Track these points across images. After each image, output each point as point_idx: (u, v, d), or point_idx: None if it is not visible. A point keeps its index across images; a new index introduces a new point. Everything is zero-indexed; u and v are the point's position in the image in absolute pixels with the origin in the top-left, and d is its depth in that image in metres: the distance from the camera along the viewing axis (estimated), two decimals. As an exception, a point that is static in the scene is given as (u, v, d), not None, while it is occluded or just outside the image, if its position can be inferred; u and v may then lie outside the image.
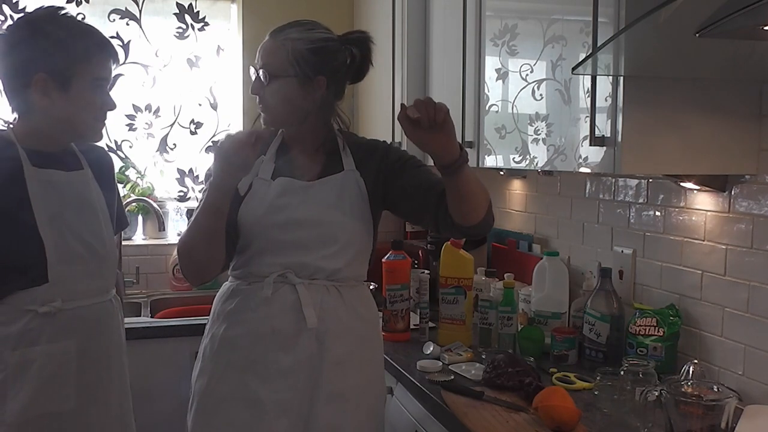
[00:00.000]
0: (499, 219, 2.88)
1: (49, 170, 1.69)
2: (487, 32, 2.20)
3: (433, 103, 1.42)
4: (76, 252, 1.70)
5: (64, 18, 1.71)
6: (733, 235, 1.80)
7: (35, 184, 1.66)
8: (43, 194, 1.67)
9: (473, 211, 1.59)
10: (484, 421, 1.65)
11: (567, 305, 2.24)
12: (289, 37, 1.66)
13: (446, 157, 1.50)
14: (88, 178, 1.78)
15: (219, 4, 3.34)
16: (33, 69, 1.63)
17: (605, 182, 2.26)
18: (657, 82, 1.62)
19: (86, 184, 1.77)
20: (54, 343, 1.67)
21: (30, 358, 1.64)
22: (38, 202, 1.66)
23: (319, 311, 1.66)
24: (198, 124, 3.32)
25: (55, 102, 1.66)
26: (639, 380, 1.67)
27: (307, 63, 1.64)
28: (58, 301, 1.66)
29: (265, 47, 1.68)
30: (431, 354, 2.16)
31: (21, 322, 1.63)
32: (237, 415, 1.64)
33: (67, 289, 1.68)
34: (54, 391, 1.67)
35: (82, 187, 1.76)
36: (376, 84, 2.98)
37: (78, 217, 1.72)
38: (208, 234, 1.60)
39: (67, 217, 1.69)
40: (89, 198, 1.76)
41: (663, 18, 1.14)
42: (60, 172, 1.72)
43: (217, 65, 3.33)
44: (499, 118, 2.15)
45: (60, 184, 1.71)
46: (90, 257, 1.73)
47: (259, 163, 1.70)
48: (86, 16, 3.09)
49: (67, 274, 1.68)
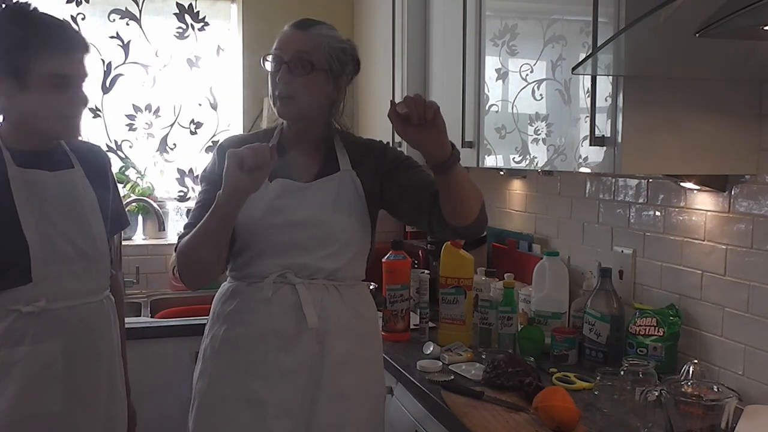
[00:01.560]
0: (499, 219, 2.89)
1: (34, 170, 1.68)
2: (487, 32, 2.20)
3: (422, 99, 1.43)
4: (61, 252, 1.67)
5: (26, 14, 1.66)
6: (733, 235, 1.80)
7: (20, 184, 1.65)
8: (28, 194, 1.65)
9: (466, 210, 1.59)
10: (484, 421, 1.65)
11: (567, 305, 2.24)
12: (321, 33, 1.67)
13: (437, 155, 1.50)
14: (78, 177, 1.76)
15: (219, 4, 3.34)
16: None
17: (605, 182, 2.26)
18: (657, 82, 1.63)
19: (75, 183, 1.74)
20: (39, 344, 1.64)
21: (14, 358, 1.62)
22: (23, 202, 1.64)
23: (319, 311, 1.65)
24: (198, 124, 3.32)
25: (15, 101, 1.64)
26: (639, 380, 1.67)
27: (338, 60, 1.68)
28: (42, 301, 1.64)
29: (296, 37, 1.66)
30: (431, 354, 2.16)
31: (5, 322, 1.62)
32: (238, 415, 1.64)
33: (52, 289, 1.66)
34: (40, 392, 1.64)
35: (71, 187, 1.73)
36: (376, 84, 2.98)
37: (65, 217, 1.70)
38: (214, 240, 1.59)
39: (52, 218, 1.67)
40: (78, 197, 1.74)
41: (663, 18, 1.14)
42: (45, 172, 1.69)
43: (217, 65, 3.33)
44: (499, 118, 2.15)
45: (45, 184, 1.69)
46: (77, 257, 1.70)
47: None
48: (86, 16, 3.10)
49: (51, 274, 1.66)
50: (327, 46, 1.66)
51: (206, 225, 1.57)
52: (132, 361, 1.97)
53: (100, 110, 3.17)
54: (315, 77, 1.65)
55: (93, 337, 1.74)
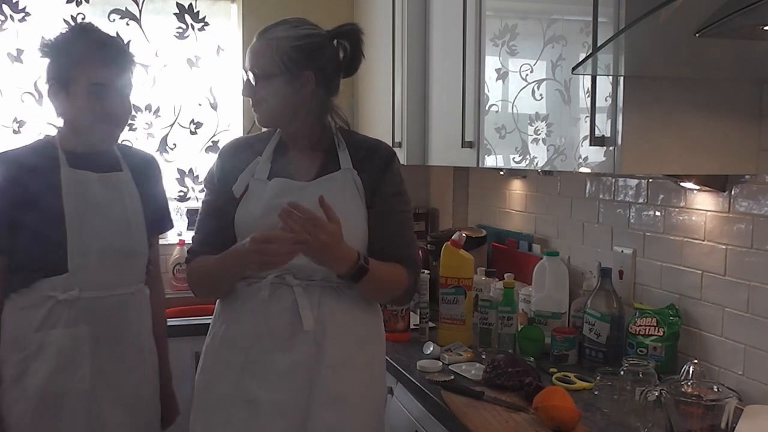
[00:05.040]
0: (499, 219, 2.89)
1: (84, 171, 1.84)
2: (487, 32, 2.20)
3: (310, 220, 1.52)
4: (96, 247, 1.82)
5: (83, 28, 1.87)
6: (733, 235, 1.80)
7: (70, 183, 1.81)
8: (75, 193, 1.81)
9: (384, 298, 1.82)
10: (484, 421, 1.65)
11: (567, 305, 2.24)
12: (273, 36, 1.68)
13: (339, 271, 1.62)
14: (124, 180, 1.91)
15: (219, 4, 3.34)
16: (47, 75, 1.82)
17: (605, 182, 2.26)
18: (657, 82, 1.63)
19: (119, 186, 1.89)
20: (70, 328, 1.80)
21: (49, 340, 1.79)
22: (69, 200, 1.80)
23: (317, 313, 1.65)
24: (198, 124, 3.32)
25: (61, 106, 1.83)
26: (639, 380, 1.67)
27: (291, 60, 1.65)
28: (76, 290, 1.80)
29: (252, 49, 1.71)
30: (431, 354, 2.17)
31: (44, 308, 1.79)
32: (235, 414, 1.64)
33: (84, 279, 1.81)
34: (70, 371, 1.80)
35: (116, 188, 1.89)
36: (376, 84, 2.98)
37: (105, 216, 1.84)
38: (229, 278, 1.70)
39: (94, 215, 1.83)
40: (120, 198, 1.88)
41: (663, 18, 1.14)
42: (93, 174, 1.85)
43: (217, 65, 3.33)
44: (499, 118, 2.15)
45: (91, 184, 1.85)
46: (112, 252, 1.85)
47: (255, 164, 1.71)
48: (86, 16, 3.09)
49: (86, 266, 1.81)
50: (276, 49, 1.66)
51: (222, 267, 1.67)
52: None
53: (100, 110, 3.18)
54: (266, 84, 1.68)
55: (120, 325, 1.88)
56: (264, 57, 1.67)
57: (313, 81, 1.68)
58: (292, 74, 1.66)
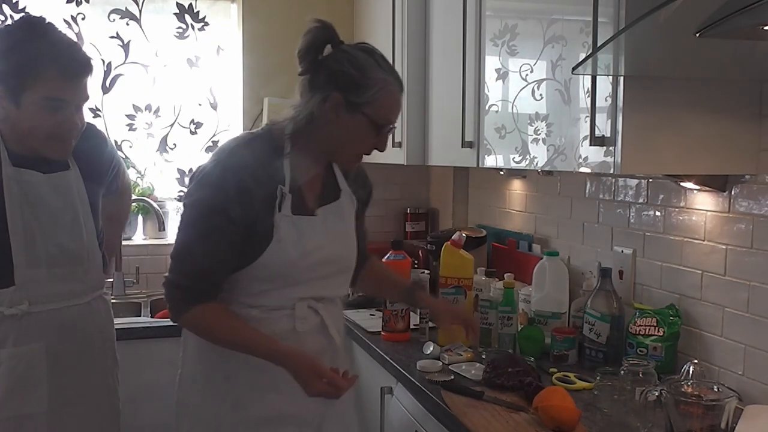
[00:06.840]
0: (499, 219, 2.89)
1: (29, 171, 1.67)
2: (487, 32, 2.20)
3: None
4: (46, 256, 1.67)
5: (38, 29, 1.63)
6: (733, 235, 1.80)
7: (12, 183, 1.65)
8: (20, 195, 1.65)
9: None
10: (484, 420, 1.65)
11: (567, 305, 2.24)
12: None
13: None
14: (73, 179, 1.74)
15: (219, 4, 3.34)
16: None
17: (605, 182, 2.26)
18: (657, 82, 1.62)
19: (69, 185, 1.73)
20: (21, 346, 1.65)
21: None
22: (13, 203, 1.64)
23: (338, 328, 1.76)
24: (198, 124, 3.33)
25: (8, 114, 1.64)
26: (639, 380, 1.67)
27: None
28: (24, 304, 1.65)
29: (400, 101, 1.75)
30: (431, 354, 2.16)
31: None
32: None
33: (35, 292, 1.67)
34: (25, 393, 1.65)
35: (65, 189, 1.72)
36: (376, 84, 2.97)
37: (54, 220, 1.69)
38: (246, 353, 1.61)
39: (41, 220, 1.67)
40: (70, 200, 1.73)
41: (663, 18, 1.14)
42: (39, 174, 1.68)
43: (217, 65, 3.33)
44: (499, 118, 2.15)
45: (38, 185, 1.68)
46: (64, 260, 1.71)
47: (281, 196, 1.60)
48: (86, 16, 3.10)
49: (35, 278, 1.66)
50: None
51: (246, 347, 1.58)
52: (132, 361, 1.97)
53: (100, 110, 3.17)
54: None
55: (79, 339, 1.74)
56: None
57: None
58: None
